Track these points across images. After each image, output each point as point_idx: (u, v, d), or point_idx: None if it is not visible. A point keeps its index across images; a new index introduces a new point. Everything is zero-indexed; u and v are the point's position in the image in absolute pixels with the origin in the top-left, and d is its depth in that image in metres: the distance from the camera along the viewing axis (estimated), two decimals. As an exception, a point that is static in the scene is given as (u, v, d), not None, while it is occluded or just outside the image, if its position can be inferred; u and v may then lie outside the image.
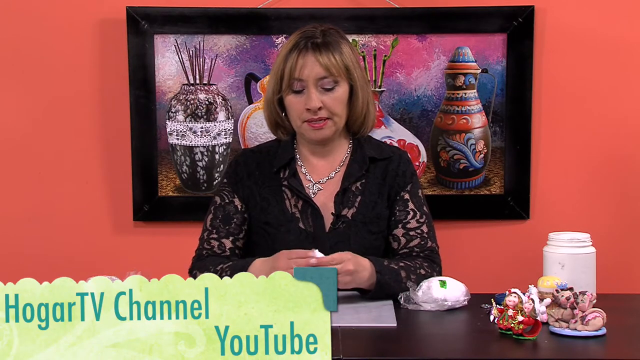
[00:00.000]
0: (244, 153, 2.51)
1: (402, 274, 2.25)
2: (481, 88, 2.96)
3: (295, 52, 2.31)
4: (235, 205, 2.40)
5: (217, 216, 2.40)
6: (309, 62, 2.30)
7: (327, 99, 2.31)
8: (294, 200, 2.37)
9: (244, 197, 2.40)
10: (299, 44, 2.32)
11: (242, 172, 2.42)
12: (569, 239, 2.24)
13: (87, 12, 2.94)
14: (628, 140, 2.99)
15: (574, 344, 1.85)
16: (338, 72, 2.31)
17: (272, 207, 2.37)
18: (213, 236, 2.38)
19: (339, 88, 2.32)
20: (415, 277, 2.26)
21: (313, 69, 2.29)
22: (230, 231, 2.38)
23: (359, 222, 2.35)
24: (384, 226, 2.38)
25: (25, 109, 2.97)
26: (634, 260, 3.03)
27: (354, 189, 2.38)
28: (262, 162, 2.43)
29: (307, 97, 2.30)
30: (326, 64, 2.29)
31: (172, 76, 2.95)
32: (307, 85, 2.30)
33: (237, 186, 2.41)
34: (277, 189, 2.39)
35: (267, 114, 2.43)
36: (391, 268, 2.25)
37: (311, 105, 2.30)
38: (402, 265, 2.27)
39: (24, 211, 2.99)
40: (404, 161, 2.43)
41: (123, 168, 2.97)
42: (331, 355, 1.67)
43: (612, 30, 2.95)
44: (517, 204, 2.99)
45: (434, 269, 2.33)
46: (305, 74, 2.29)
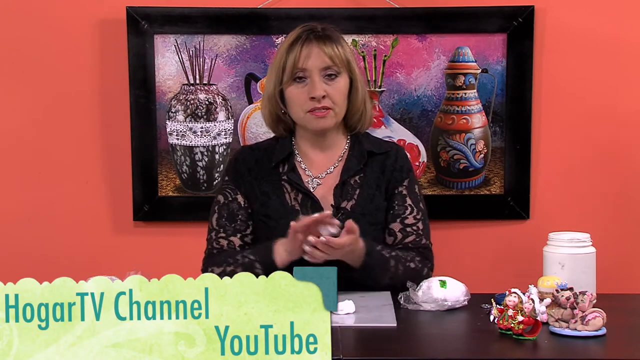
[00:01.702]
0: (243, 150, 2.53)
1: (391, 262, 2.29)
2: (481, 88, 2.96)
3: (298, 44, 2.35)
4: (238, 201, 2.41)
5: (222, 215, 2.41)
6: (314, 52, 2.34)
7: (329, 89, 2.35)
8: (293, 193, 2.39)
9: (246, 193, 2.42)
10: (301, 36, 2.36)
11: (242, 169, 2.44)
12: (569, 239, 2.24)
13: (87, 12, 2.93)
14: (628, 140, 2.99)
15: (574, 344, 1.85)
16: (341, 63, 2.35)
17: (272, 200, 2.39)
18: (221, 235, 2.39)
19: (340, 79, 2.36)
20: (404, 269, 2.30)
21: (318, 58, 2.33)
22: (237, 228, 2.40)
23: (358, 214, 2.36)
24: (382, 218, 2.41)
25: (25, 109, 2.97)
26: (634, 260, 3.03)
27: (353, 182, 2.41)
28: (260, 159, 2.45)
29: (311, 85, 2.34)
30: (330, 54, 2.34)
31: (172, 76, 2.95)
32: (311, 75, 2.34)
33: (239, 182, 2.43)
34: (277, 183, 2.41)
35: (269, 109, 2.44)
36: (382, 255, 2.29)
37: (315, 93, 2.33)
38: (393, 255, 2.31)
39: (24, 211, 2.99)
40: (401, 156, 2.47)
41: (123, 168, 2.96)
42: (331, 355, 1.67)
43: (612, 30, 2.95)
44: (517, 204, 2.99)
45: (426, 264, 2.37)
46: (310, 63, 2.33)
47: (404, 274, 2.29)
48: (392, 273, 2.29)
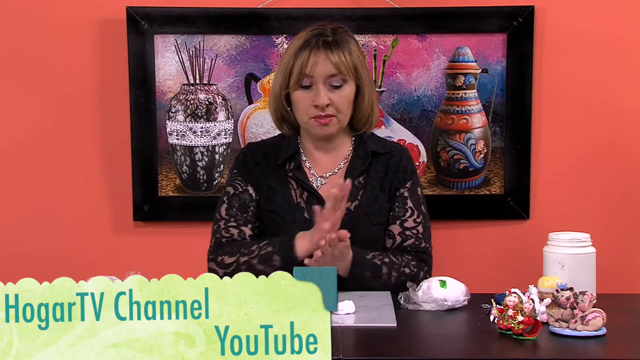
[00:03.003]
0: (250, 146, 2.55)
1: (383, 269, 2.29)
2: (481, 88, 2.96)
3: (306, 50, 2.34)
4: (250, 193, 2.42)
5: (232, 205, 2.41)
6: (321, 60, 2.33)
7: (334, 97, 2.35)
8: (299, 190, 2.40)
9: (255, 186, 2.43)
10: (310, 42, 2.35)
11: (250, 163, 2.45)
12: (569, 239, 2.24)
13: (87, 12, 2.94)
14: (628, 140, 2.99)
15: (574, 344, 1.85)
16: (347, 71, 2.35)
17: (278, 196, 2.40)
18: (232, 224, 2.39)
19: (346, 86, 2.36)
20: (397, 275, 2.30)
21: (324, 66, 2.33)
22: (248, 219, 2.40)
23: (361, 214, 2.37)
24: (384, 218, 2.41)
25: (25, 109, 2.97)
26: (634, 260, 3.03)
27: (357, 183, 2.41)
28: (268, 154, 2.46)
29: (316, 93, 2.34)
30: (337, 62, 2.33)
31: (172, 76, 2.95)
32: (316, 82, 2.34)
33: (248, 175, 2.44)
34: (283, 179, 2.42)
35: (274, 108, 2.45)
36: (372, 263, 2.29)
37: (319, 102, 2.33)
38: (386, 262, 2.31)
39: (24, 211, 2.99)
40: (405, 157, 2.47)
41: (123, 168, 2.96)
42: (331, 355, 1.67)
43: (612, 30, 2.95)
44: (517, 204, 2.99)
45: (422, 268, 2.36)
46: (317, 71, 2.33)
47: (397, 280, 2.29)
48: (384, 280, 2.29)
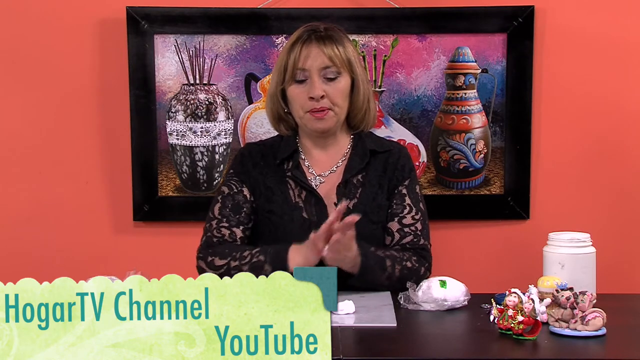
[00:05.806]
0: (249, 146, 2.55)
1: (387, 262, 2.29)
2: (481, 88, 2.96)
3: (299, 44, 2.36)
4: (244, 194, 2.42)
5: (226, 205, 2.41)
6: (313, 52, 2.35)
7: (329, 89, 2.36)
8: (297, 190, 2.40)
9: (251, 187, 2.42)
10: (303, 36, 2.38)
11: (248, 163, 2.45)
12: (569, 239, 2.24)
13: (87, 12, 2.94)
14: (628, 140, 2.99)
15: (574, 344, 1.85)
16: (341, 63, 2.36)
17: (276, 196, 2.40)
18: (223, 224, 2.39)
19: (341, 79, 2.37)
20: (400, 268, 2.30)
21: (317, 58, 2.35)
22: (241, 220, 2.40)
23: (360, 213, 2.36)
24: (383, 216, 2.42)
25: (25, 109, 2.97)
26: (634, 260, 3.03)
27: (355, 181, 2.42)
28: (266, 154, 2.46)
29: (310, 85, 2.35)
30: (330, 54, 2.35)
31: (172, 76, 2.95)
32: (311, 75, 2.35)
33: (245, 176, 2.44)
34: (281, 179, 2.42)
35: (270, 107, 2.46)
36: (377, 255, 2.29)
37: (314, 93, 2.34)
38: (388, 255, 2.31)
39: (24, 211, 2.99)
40: (403, 155, 2.48)
41: (123, 168, 2.97)
42: (331, 355, 1.67)
43: (612, 30, 2.95)
44: (517, 204, 2.99)
45: (422, 264, 2.36)
46: (309, 63, 2.35)
47: (400, 273, 2.29)
48: (389, 273, 2.29)
